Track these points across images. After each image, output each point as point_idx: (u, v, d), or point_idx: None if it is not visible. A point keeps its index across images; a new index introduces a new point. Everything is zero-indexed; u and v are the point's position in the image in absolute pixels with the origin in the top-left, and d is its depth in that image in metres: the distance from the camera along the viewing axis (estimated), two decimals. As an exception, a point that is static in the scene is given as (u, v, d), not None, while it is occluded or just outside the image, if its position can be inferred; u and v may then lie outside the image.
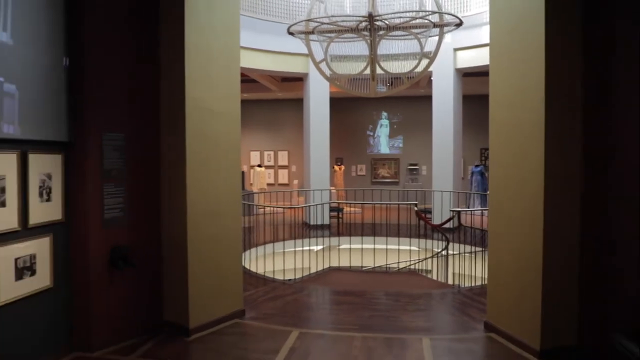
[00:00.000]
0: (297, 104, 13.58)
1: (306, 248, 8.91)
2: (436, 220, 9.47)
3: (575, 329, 3.38)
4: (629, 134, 3.05)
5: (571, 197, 3.35)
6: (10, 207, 2.88)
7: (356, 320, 4.30)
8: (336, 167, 14.67)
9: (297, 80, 11.92)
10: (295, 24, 6.94)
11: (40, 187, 3.10)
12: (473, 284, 6.34)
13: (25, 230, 3.00)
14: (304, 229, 10.16)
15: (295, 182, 15.49)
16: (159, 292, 3.92)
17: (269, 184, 15.02)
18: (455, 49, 9.85)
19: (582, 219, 3.34)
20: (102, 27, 3.43)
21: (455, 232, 9.18)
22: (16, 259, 2.93)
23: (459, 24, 6.84)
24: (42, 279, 3.12)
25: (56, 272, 3.24)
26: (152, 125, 3.83)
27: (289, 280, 6.47)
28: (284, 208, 10.40)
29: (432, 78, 10.29)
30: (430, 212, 10.03)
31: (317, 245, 8.96)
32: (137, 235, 3.70)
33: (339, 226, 10.26)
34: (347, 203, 11.31)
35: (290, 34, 7.15)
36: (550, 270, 3.33)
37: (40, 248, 3.10)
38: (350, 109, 15.24)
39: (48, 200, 3.17)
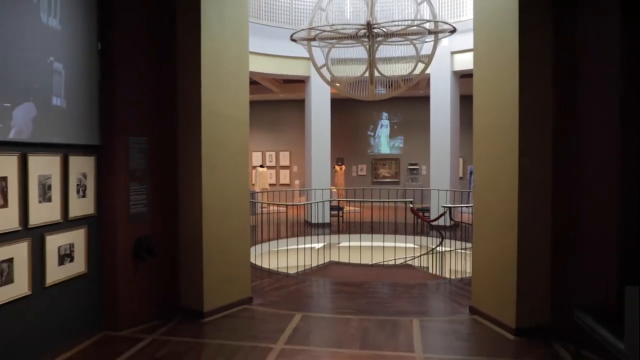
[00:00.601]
0: (299, 105, 14.09)
1: (308, 246, 9.41)
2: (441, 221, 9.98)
3: (547, 309, 3.88)
4: (590, 136, 3.55)
5: (542, 192, 3.85)
6: (54, 203, 3.40)
7: (354, 305, 4.81)
8: (337, 167, 15.18)
9: (299, 82, 12.44)
10: (297, 31, 7.46)
11: (77, 185, 3.62)
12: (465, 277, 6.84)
13: (66, 222, 3.53)
14: (306, 227, 10.67)
15: (297, 182, 16.01)
16: (177, 279, 4.44)
17: (270, 184, 15.54)
18: (452, 52, 10.36)
19: (552, 211, 3.84)
20: (128, 45, 3.96)
21: (451, 229, 9.69)
22: (59, 247, 3.45)
23: (453, 31, 7.34)
24: (78, 265, 3.65)
25: (89, 259, 3.77)
26: (170, 129, 4.35)
27: (292, 273, 6.98)
28: (286, 205, 10.92)
29: (430, 80, 10.81)
30: (428, 210, 10.52)
31: (318, 242, 9.47)
32: (158, 229, 4.22)
33: (339, 224, 10.77)
34: (346, 201, 11.83)
35: (294, 40, 7.68)
36: (523, 257, 3.83)
37: (77, 238, 3.63)
38: (351, 110, 15.74)
39: (83, 196, 3.69)
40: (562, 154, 3.77)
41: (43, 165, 3.30)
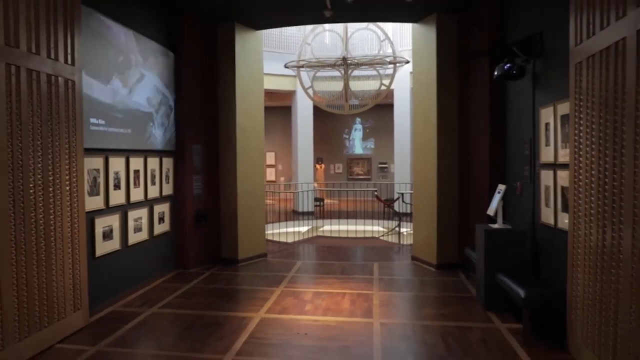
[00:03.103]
0: (282, 111, 16.46)
1: (297, 229, 11.84)
2: (396, 205, 12.59)
3: (456, 251, 6.43)
4: (476, 143, 6.11)
5: (452, 179, 6.40)
6: (156, 186, 5.73)
7: (335, 257, 7.28)
8: (317, 166, 17.66)
9: (282, 93, 14.81)
10: (290, 62, 9.89)
11: (166, 175, 5.95)
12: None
13: (161, 198, 5.85)
14: (293, 215, 13.09)
15: (282, 178, 18.39)
16: (219, 239, 6.78)
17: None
18: (411, 72, 12.97)
19: (458, 190, 6.39)
20: (188, 91, 6.30)
21: (409, 216, 12.30)
22: (158, 213, 5.77)
23: (407, 62, 9.92)
24: (167, 225, 5.97)
25: (171, 222, 6.10)
26: (215, 140, 6.70)
27: (290, 242, 9.40)
28: (279, 192, 13.30)
29: (394, 93, 13.40)
30: (392, 200, 13.13)
31: (304, 226, 11.91)
32: (209, 205, 6.57)
33: (322, 213, 13.24)
34: (326, 190, 14.30)
35: (286, 67, 10.11)
36: (441, 222, 6.36)
37: (166, 208, 5.95)
38: (329, 116, 18.18)
39: (167, 182, 6.02)
40: (463, 156, 6.34)
41: (152, 163, 5.62)
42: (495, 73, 4.74)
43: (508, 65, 4.56)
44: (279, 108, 17.96)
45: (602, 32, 2.97)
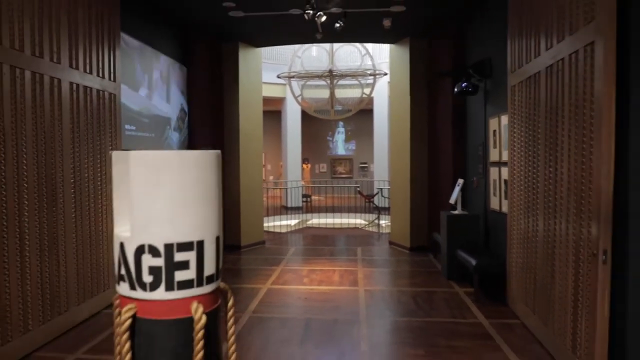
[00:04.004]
0: (271, 115, 17.22)
1: (286, 222, 12.66)
2: (376, 199, 13.54)
3: (425, 236, 7.37)
4: (442, 145, 7.06)
5: (422, 175, 7.33)
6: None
7: (324, 244, 8.15)
8: (304, 165, 18.50)
9: (275, 99, 15.61)
10: (283, 73, 10.72)
11: (181, 173, 6.71)
12: (393, 235, 10.34)
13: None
14: (283, 210, 13.90)
15: (271, 177, 19.16)
16: (224, 228, 7.54)
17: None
18: (388, 82, 13.94)
19: (428, 184, 7.33)
20: (199, 93, 7.08)
21: (387, 210, 13.26)
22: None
23: (385, 74, 10.85)
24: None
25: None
26: (221, 142, 7.48)
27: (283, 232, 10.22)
28: (273, 189, 14.07)
29: (374, 101, 14.34)
30: (372, 195, 14.08)
31: (294, 220, 12.74)
32: (215, 198, 7.35)
33: (309, 208, 14.08)
34: (312, 187, 15.15)
35: (279, 77, 10.93)
36: (414, 211, 7.29)
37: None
38: (315, 120, 19.03)
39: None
40: (431, 156, 7.28)
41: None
42: (455, 90, 5.67)
43: (465, 83, 5.50)
44: (268, 112, 18.69)
45: (527, 65, 3.91)
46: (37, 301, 3.63)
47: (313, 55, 11.53)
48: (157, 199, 1.05)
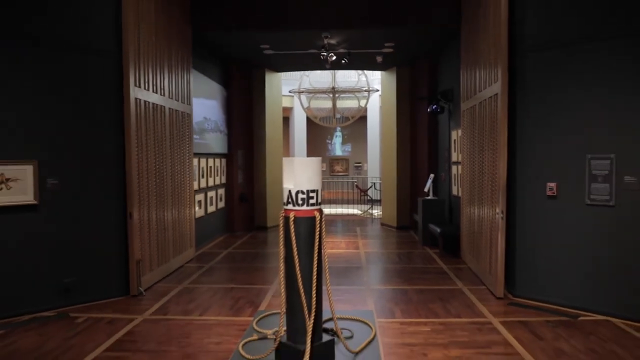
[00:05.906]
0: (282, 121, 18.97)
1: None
2: (371, 192, 15.35)
3: (408, 217, 9.21)
4: (420, 151, 8.87)
5: (406, 170, 9.14)
6: (218, 176, 8.24)
7: (330, 225, 9.95)
8: (306, 165, 20.28)
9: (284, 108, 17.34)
10: (293, 89, 12.49)
11: (223, 170, 8.47)
12: (384, 221, 12.17)
13: (220, 185, 8.37)
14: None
15: (277, 175, 20.94)
16: (253, 213, 9.33)
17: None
18: (380, 95, 15.76)
19: (410, 179, 9.14)
20: (235, 108, 8.84)
21: (379, 202, 15.09)
22: (219, 194, 8.29)
23: (377, 90, 12.66)
24: (222, 203, 8.50)
25: (225, 202, 8.62)
26: (251, 147, 9.24)
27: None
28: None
29: (367, 111, 16.14)
30: (367, 189, 15.91)
31: (300, 210, 14.52)
32: (247, 190, 9.13)
33: (312, 200, 15.84)
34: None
35: (290, 92, 12.69)
36: (399, 198, 9.11)
37: (222, 192, 8.47)
38: (316, 125, 20.84)
39: (223, 174, 8.53)
40: (412, 157, 9.10)
41: (216, 162, 8.14)
42: (429, 110, 7.49)
43: (435, 106, 7.32)
44: (274, 118, 20.42)
45: (469, 100, 5.73)
46: (155, 253, 5.39)
47: (318, 73, 13.28)
48: (304, 173, 2.86)
